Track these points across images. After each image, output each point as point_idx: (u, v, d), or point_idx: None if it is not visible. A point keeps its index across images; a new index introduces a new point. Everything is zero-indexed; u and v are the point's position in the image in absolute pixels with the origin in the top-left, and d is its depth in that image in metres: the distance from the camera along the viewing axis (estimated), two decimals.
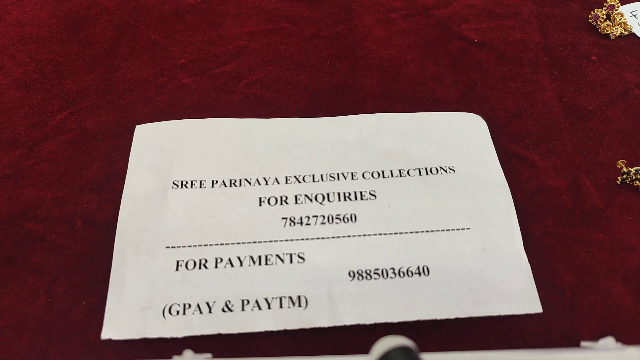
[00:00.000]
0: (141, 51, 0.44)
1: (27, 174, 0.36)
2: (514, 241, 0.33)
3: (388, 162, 0.37)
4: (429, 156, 0.37)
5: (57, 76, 0.42)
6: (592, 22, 0.46)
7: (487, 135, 0.38)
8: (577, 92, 0.41)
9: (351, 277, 0.32)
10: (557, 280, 0.32)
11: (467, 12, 0.47)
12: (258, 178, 0.36)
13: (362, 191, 0.35)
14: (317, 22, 0.46)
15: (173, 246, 0.33)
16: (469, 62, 0.43)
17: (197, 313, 0.30)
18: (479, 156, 0.37)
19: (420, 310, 0.30)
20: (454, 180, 0.36)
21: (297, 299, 0.31)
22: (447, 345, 0.30)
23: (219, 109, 0.40)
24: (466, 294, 0.31)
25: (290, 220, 0.34)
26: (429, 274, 0.32)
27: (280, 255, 0.32)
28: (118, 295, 0.31)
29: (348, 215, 0.34)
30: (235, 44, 0.45)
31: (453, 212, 0.34)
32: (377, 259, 0.32)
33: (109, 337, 0.29)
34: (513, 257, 0.32)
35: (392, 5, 0.47)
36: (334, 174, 0.36)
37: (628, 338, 0.30)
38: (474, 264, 0.32)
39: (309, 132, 0.39)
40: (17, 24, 0.46)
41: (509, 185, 0.35)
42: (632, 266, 0.33)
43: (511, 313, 0.30)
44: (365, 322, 0.30)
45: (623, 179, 0.36)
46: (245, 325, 0.30)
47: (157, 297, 0.31)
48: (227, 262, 0.32)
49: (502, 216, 0.34)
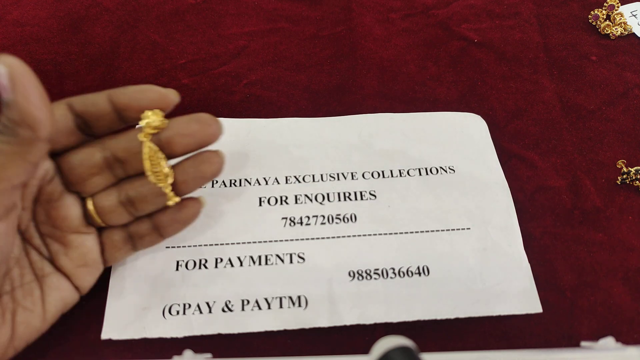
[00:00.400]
0: (141, 51, 0.44)
1: None
2: (514, 241, 0.33)
3: (388, 162, 0.37)
4: (429, 156, 0.37)
5: (57, 76, 0.42)
6: (592, 22, 0.46)
7: (487, 135, 0.38)
8: (577, 92, 0.41)
9: (351, 277, 0.32)
10: (557, 280, 0.32)
11: (467, 12, 0.47)
12: (258, 178, 0.36)
13: (362, 191, 0.35)
14: (317, 22, 0.46)
15: (173, 246, 0.33)
16: (469, 62, 0.43)
17: (197, 313, 0.30)
18: (479, 156, 0.37)
19: (420, 311, 0.30)
20: (454, 180, 0.36)
21: (297, 299, 0.31)
22: (447, 345, 0.30)
23: (219, 109, 0.40)
24: (466, 294, 0.31)
25: (290, 220, 0.34)
26: (429, 274, 0.32)
27: (280, 255, 0.32)
28: (118, 296, 0.31)
29: (348, 215, 0.34)
30: (235, 44, 0.45)
31: (453, 212, 0.34)
32: (377, 259, 0.32)
33: (109, 337, 0.29)
34: (513, 258, 0.32)
35: (392, 5, 0.47)
36: (334, 174, 0.36)
37: (628, 338, 0.30)
38: (474, 264, 0.32)
39: (309, 132, 0.39)
40: (17, 24, 0.46)
41: (509, 185, 0.35)
42: (632, 266, 0.33)
43: (511, 313, 0.30)
44: (365, 322, 0.30)
45: (623, 179, 0.36)
46: (245, 325, 0.30)
47: (157, 297, 0.31)
48: (227, 262, 0.32)
49: (502, 216, 0.34)
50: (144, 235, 0.29)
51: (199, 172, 0.28)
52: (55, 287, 0.28)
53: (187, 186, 0.28)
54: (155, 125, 0.26)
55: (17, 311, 0.26)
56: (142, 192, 0.28)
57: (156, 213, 0.29)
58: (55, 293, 0.28)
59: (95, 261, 0.29)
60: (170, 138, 0.26)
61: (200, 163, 0.28)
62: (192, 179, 0.28)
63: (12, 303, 0.26)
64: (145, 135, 0.26)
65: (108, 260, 0.30)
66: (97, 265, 0.29)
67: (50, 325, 0.28)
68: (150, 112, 0.26)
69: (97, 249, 0.29)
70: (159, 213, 0.29)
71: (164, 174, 0.27)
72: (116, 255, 0.30)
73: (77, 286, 0.29)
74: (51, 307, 0.27)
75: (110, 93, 0.26)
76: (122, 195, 0.28)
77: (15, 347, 0.26)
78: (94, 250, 0.29)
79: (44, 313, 0.27)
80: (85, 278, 0.29)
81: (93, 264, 0.29)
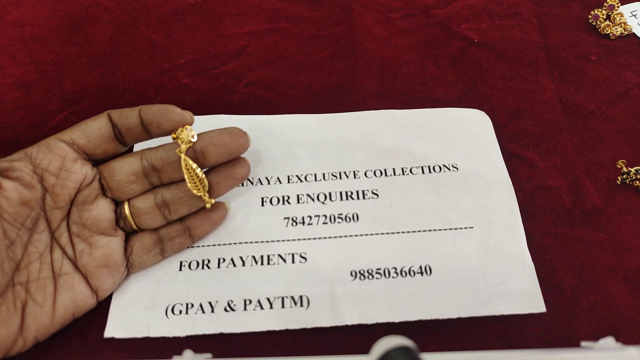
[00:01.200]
0: (141, 51, 0.44)
1: None
2: (518, 240, 0.33)
3: (391, 160, 0.37)
4: (432, 154, 0.37)
5: (57, 76, 0.42)
6: (592, 22, 0.46)
7: (492, 132, 0.38)
8: (577, 92, 0.41)
9: (353, 276, 0.32)
10: (557, 280, 0.32)
11: (467, 12, 0.47)
12: (260, 178, 0.36)
13: (365, 190, 0.35)
14: (317, 22, 0.46)
15: None
16: (469, 62, 0.43)
17: (199, 312, 0.30)
18: (483, 154, 0.37)
19: (422, 310, 0.30)
20: (457, 179, 0.36)
21: (299, 298, 0.31)
22: (447, 345, 0.30)
23: (219, 108, 0.40)
24: (469, 294, 0.31)
25: (293, 220, 0.34)
26: (432, 274, 0.32)
27: (283, 255, 0.33)
28: (122, 295, 0.31)
29: (350, 215, 0.34)
30: (235, 44, 0.45)
31: (456, 211, 0.34)
32: (379, 259, 0.32)
33: (112, 335, 0.30)
34: (517, 257, 0.32)
35: (392, 5, 0.47)
36: (336, 172, 0.36)
37: (628, 338, 0.30)
38: (477, 263, 0.32)
39: (311, 129, 0.38)
40: (17, 24, 0.46)
41: None
42: (632, 266, 0.33)
43: (515, 313, 0.30)
44: (367, 321, 0.30)
45: (623, 179, 0.36)
46: (247, 324, 0.30)
47: (160, 297, 0.31)
48: (229, 262, 0.32)
49: (505, 215, 0.34)
50: (175, 237, 0.31)
51: (232, 173, 0.31)
52: (69, 286, 0.29)
53: (220, 188, 0.31)
54: (187, 140, 0.29)
55: (28, 303, 0.27)
56: (178, 195, 0.30)
57: (188, 216, 0.32)
58: (68, 293, 0.28)
59: (117, 264, 0.30)
60: (205, 148, 0.30)
61: (232, 166, 0.31)
62: (225, 180, 0.31)
63: (25, 294, 0.27)
64: (181, 149, 0.29)
65: (134, 265, 0.31)
66: (118, 268, 0.30)
67: (60, 326, 0.29)
68: (181, 129, 0.29)
69: (121, 252, 0.30)
70: (191, 215, 0.32)
71: (200, 181, 0.30)
72: (144, 258, 0.31)
73: (95, 288, 0.29)
74: (61, 306, 0.28)
75: (141, 108, 0.29)
76: (157, 199, 0.30)
77: (25, 340, 0.27)
78: (117, 252, 0.30)
79: (54, 310, 0.28)
80: (104, 280, 0.30)
81: (114, 265, 0.30)
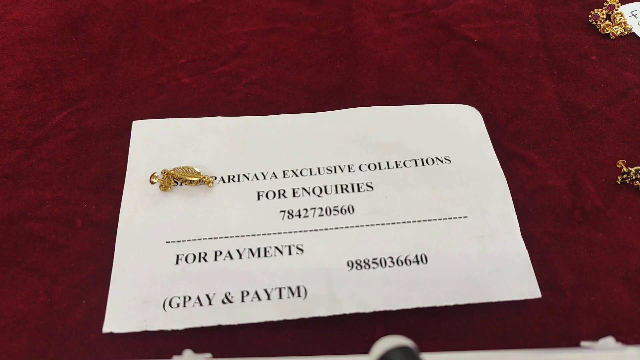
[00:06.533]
0: (141, 51, 0.44)
1: (27, 173, 0.36)
2: (511, 228, 0.33)
3: (384, 154, 0.37)
4: (425, 147, 0.37)
5: (57, 76, 0.42)
6: (592, 22, 0.46)
7: (482, 126, 0.39)
8: (577, 91, 0.41)
9: (350, 267, 0.32)
10: (557, 280, 0.32)
11: (467, 12, 0.47)
12: (256, 173, 0.36)
13: (359, 183, 0.36)
14: (316, 22, 0.46)
15: (173, 241, 0.33)
16: (469, 61, 0.43)
17: (197, 305, 0.30)
18: (474, 146, 0.37)
19: (419, 298, 0.30)
20: (450, 170, 0.36)
21: (297, 289, 0.31)
22: (447, 345, 0.30)
23: (218, 108, 0.40)
24: (465, 281, 0.31)
25: (289, 213, 0.34)
26: (427, 263, 0.32)
27: (279, 247, 0.33)
28: (119, 290, 0.31)
29: (346, 207, 0.34)
30: (235, 43, 0.45)
31: (450, 201, 0.34)
32: (375, 249, 0.32)
33: (110, 330, 0.30)
34: (510, 244, 0.33)
35: (392, 5, 0.47)
36: (331, 167, 0.36)
37: (628, 338, 0.30)
38: (472, 251, 0.32)
39: (305, 127, 0.39)
40: (17, 24, 0.46)
41: (508, 185, 0.35)
42: (632, 266, 0.33)
43: (510, 299, 0.30)
44: (364, 310, 0.30)
45: (623, 179, 0.36)
46: (245, 316, 0.30)
47: (157, 291, 0.31)
48: (226, 255, 0.32)
49: (498, 204, 0.34)
50: None
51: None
52: None
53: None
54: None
55: None
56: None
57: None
58: None
59: None
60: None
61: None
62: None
63: None
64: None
65: None
66: None
67: None
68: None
69: None
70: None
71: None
72: None
73: None
74: None
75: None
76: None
77: None
78: None
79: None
80: None
81: None
